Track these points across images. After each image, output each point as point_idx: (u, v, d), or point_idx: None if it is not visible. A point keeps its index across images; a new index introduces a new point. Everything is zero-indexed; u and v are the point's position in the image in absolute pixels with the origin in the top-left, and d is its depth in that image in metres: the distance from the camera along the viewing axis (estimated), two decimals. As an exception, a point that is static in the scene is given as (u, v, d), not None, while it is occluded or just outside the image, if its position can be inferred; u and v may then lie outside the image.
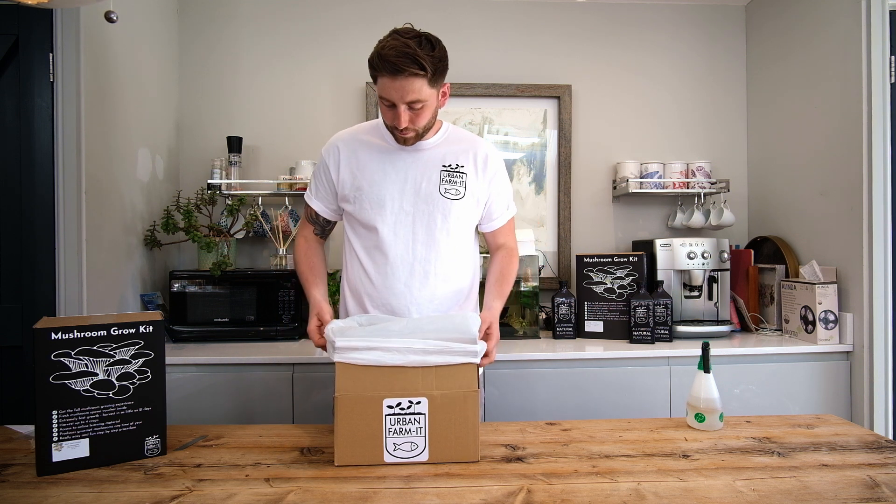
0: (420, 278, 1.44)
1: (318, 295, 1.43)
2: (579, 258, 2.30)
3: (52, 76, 1.75)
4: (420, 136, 1.40)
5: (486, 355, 1.27)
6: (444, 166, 1.44)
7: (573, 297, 2.26)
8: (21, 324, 1.75)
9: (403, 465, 1.11)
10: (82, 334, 1.08)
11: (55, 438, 1.07)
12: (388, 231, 1.42)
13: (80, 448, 1.09)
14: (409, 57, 1.23)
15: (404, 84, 1.25)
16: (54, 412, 1.07)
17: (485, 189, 1.49)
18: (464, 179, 1.45)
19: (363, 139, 1.47)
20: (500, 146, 2.65)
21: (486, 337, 1.31)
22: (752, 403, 2.01)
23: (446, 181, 1.44)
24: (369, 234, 1.45)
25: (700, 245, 2.26)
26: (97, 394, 1.10)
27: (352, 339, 1.15)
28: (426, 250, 1.44)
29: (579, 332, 2.27)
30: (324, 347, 1.29)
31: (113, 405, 1.11)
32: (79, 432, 1.09)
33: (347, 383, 1.13)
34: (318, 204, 1.52)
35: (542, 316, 2.41)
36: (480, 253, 1.65)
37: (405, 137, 1.38)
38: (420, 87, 1.27)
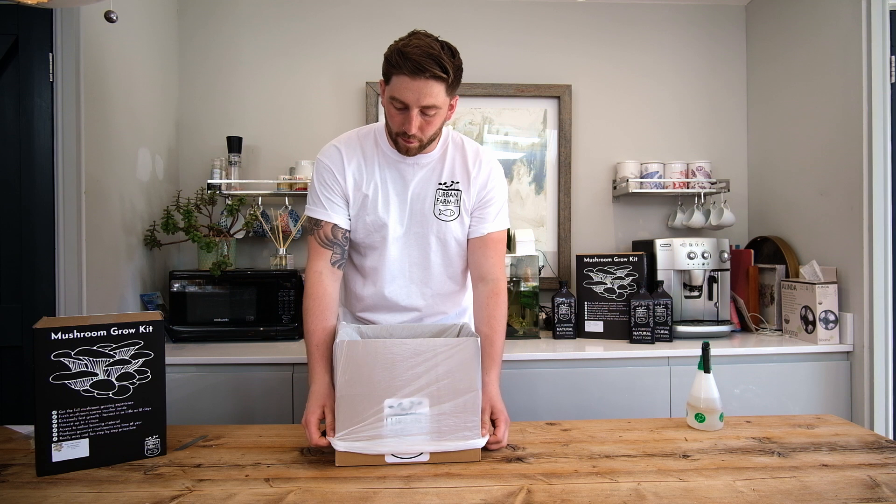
0: (416, 299, 1.44)
1: (326, 379, 1.24)
2: (579, 258, 2.30)
3: (51, 76, 1.75)
4: (423, 147, 1.32)
5: (496, 441, 1.18)
6: (441, 184, 1.38)
7: (573, 297, 2.26)
8: (21, 324, 1.75)
9: (404, 466, 1.11)
10: (82, 334, 1.08)
11: (55, 438, 1.07)
12: (385, 252, 1.39)
13: (79, 448, 1.09)
14: (433, 58, 1.17)
15: (423, 86, 1.18)
16: (54, 412, 1.07)
17: (475, 196, 1.40)
18: (458, 197, 1.39)
19: (364, 150, 1.37)
20: (500, 146, 2.65)
21: (493, 421, 1.22)
22: (753, 403, 2.01)
23: (441, 201, 1.38)
24: (366, 252, 1.42)
25: (700, 245, 2.26)
26: (97, 394, 1.10)
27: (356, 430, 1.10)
28: (421, 271, 1.42)
29: (579, 332, 2.27)
30: (320, 446, 1.15)
31: (113, 405, 1.11)
32: (79, 432, 1.09)
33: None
34: (336, 217, 1.35)
35: (542, 316, 2.41)
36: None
37: (408, 146, 1.29)
38: (438, 92, 1.21)
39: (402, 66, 1.17)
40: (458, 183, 1.38)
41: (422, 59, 1.16)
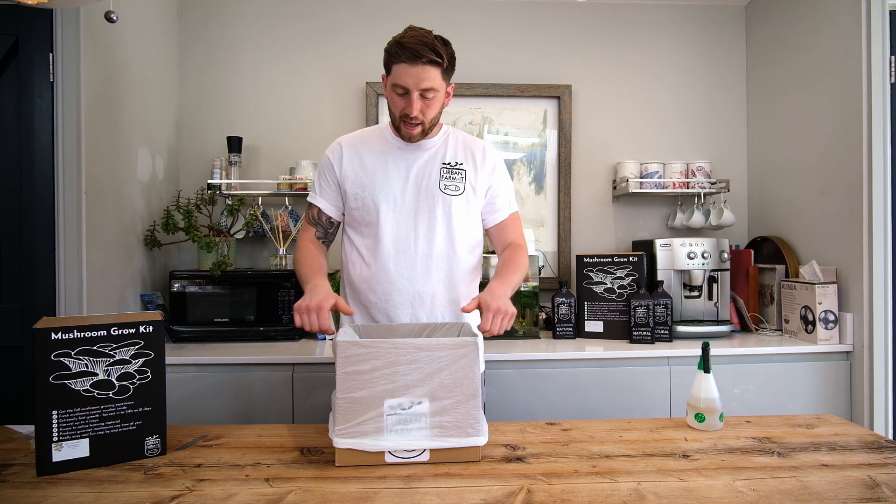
0: (422, 273, 1.46)
1: (326, 283, 1.37)
2: (579, 258, 2.30)
3: (52, 76, 1.75)
4: (425, 133, 1.43)
5: (483, 329, 1.28)
6: (444, 163, 1.49)
7: (573, 297, 2.26)
8: (21, 324, 1.75)
9: (404, 465, 1.11)
10: (82, 334, 1.08)
11: (55, 438, 1.07)
12: (390, 226, 1.45)
13: (80, 448, 1.09)
14: (427, 46, 1.32)
15: (420, 71, 1.33)
16: (54, 412, 1.07)
17: (485, 181, 1.52)
18: (463, 176, 1.49)
19: (366, 140, 1.52)
20: (500, 146, 2.65)
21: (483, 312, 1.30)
22: (753, 403, 2.01)
23: (446, 178, 1.48)
24: (371, 230, 1.47)
25: (700, 245, 2.26)
26: (97, 394, 1.10)
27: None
28: (428, 245, 1.46)
29: (579, 332, 2.27)
30: (320, 330, 1.27)
31: (113, 405, 1.11)
32: (79, 432, 1.09)
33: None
34: (322, 202, 1.52)
35: (542, 316, 2.41)
36: (485, 253, 1.66)
37: (411, 132, 1.41)
38: (434, 76, 1.35)
39: (401, 54, 1.33)
40: (462, 164, 1.50)
41: (418, 48, 1.32)
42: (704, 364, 1.32)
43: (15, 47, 1.74)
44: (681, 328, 2.20)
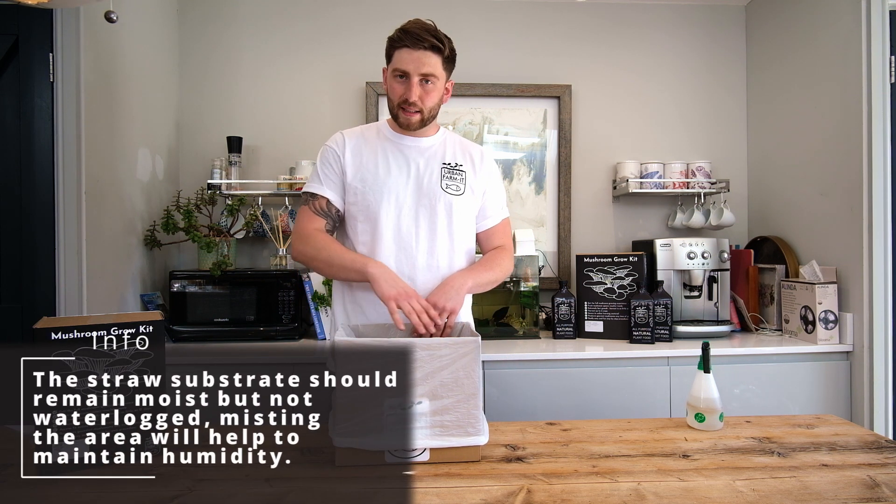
0: (422, 271, 1.46)
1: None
2: (579, 258, 2.30)
3: (52, 76, 1.75)
4: (424, 122, 1.44)
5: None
6: (445, 163, 1.49)
7: (573, 297, 2.26)
8: (21, 324, 1.75)
9: (403, 465, 1.11)
10: (82, 334, 1.08)
11: (55, 439, 1.07)
12: (391, 223, 1.44)
13: (80, 448, 1.09)
14: (429, 32, 1.36)
15: (421, 56, 1.35)
16: (54, 412, 1.06)
17: (481, 184, 1.52)
18: (464, 177, 1.49)
19: (366, 135, 1.51)
20: (500, 146, 2.65)
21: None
22: (753, 403, 2.01)
23: (447, 177, 1.48)
24: (370, 226, 1.46)
25: (700, 245, 2.26)
26: (97, 394, 1.10)
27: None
28: (429, 243, 1.46)
29: (579, 332, 2.27)
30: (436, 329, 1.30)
31: (113, 405, 1.11)
32: (79, 432, 1.09)
33: (347, 383, 1.13)
34: (330, 193, 1.47)
35: (542, 316, 2.41)
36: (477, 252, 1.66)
37: (410, 119, 1.41)
38: (435, 63, 1.37)
39: (404, 39, 1.36)
40: (461, 165, 1.50)
41: (420, 32, 1.35)
42: (704, 364, 1.32)
43: (15, 47, 1.74)
44: (681, 328, 2.20)
